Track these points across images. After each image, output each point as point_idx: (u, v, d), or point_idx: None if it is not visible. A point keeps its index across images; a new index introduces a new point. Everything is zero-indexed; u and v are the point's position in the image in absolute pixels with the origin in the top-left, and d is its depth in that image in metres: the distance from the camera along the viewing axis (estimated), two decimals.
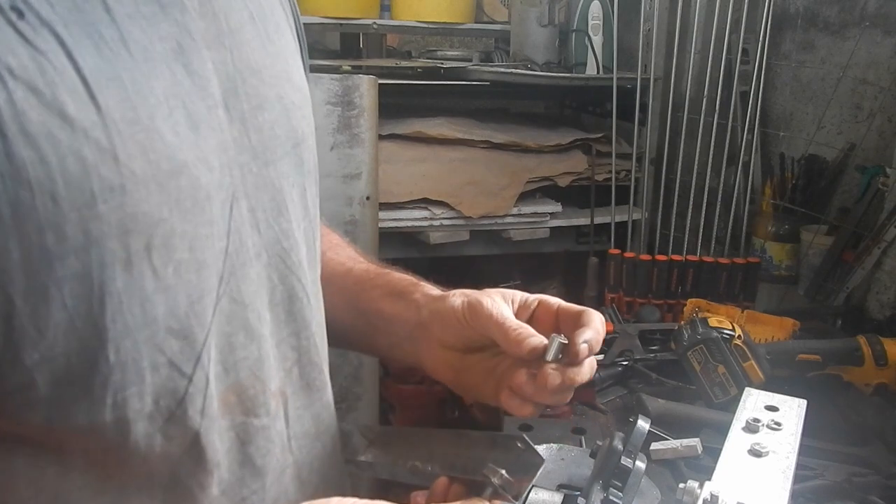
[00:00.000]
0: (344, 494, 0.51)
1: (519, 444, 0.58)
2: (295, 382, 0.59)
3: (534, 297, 0.68)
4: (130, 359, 0.43)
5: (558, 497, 0.81)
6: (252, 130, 0.52)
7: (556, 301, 0.67)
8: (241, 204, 0.51)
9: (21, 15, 0.38)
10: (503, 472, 0.56)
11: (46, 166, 0.38)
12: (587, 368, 0.62)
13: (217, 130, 0.49)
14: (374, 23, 2.19)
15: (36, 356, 0.40)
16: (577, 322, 0.64)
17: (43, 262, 0.39)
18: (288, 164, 0.56)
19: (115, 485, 0.47)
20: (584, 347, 0.60)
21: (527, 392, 0.61)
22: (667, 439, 1.07)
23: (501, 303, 0.65)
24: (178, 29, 0.46)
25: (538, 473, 0.57)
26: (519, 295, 0.68)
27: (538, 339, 0.61)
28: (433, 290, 0.70)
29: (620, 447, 0.67)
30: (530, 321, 0.66)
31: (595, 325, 0.62)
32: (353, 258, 0.77)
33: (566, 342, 0.61)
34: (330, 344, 0.66)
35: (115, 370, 0.43)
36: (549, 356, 0.60)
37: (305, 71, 0.65)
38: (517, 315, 0.65)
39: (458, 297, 0.66)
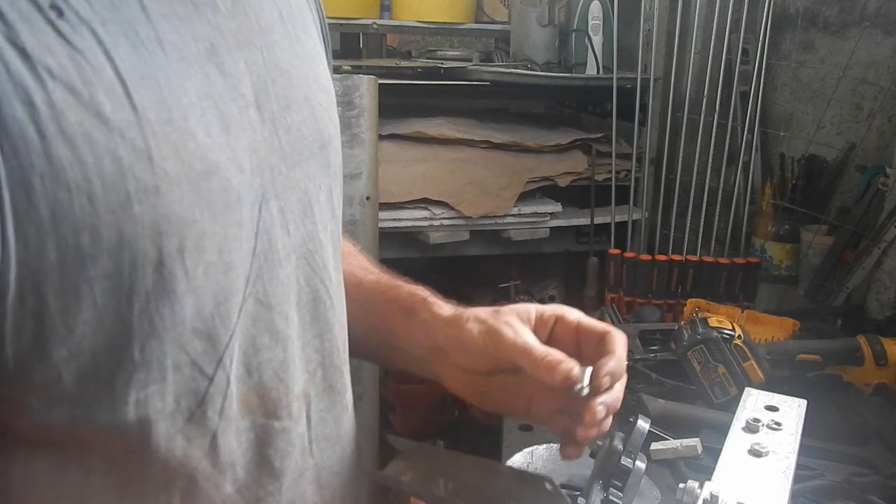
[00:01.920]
0: (360, 499, 0.51)
1: (547, 485, 0.58)
2: (318, 385, 0.59)
3: (550, 313, 0.65)
4: (155, 358, 0.43)
5: None
6: (281, 131, 0.52)
7: (575, 317, 0.65)
8: (270, 205, 0.51)
9: (60, 13, 0.38)
10: None
11: (83, 167, 0.38)
12: (612, 397, 0.61)
13: (249, 131, 0.49)
14: (374, 23, 2.19)
15: (64, 352, 0.40)
16: (599, 345, 0.62)
17: (77, 263, 0.39)
18: (315, 166, 0.56)
19: (135, 489, 0.47)
20: (606, 381, 0.59)
21: (580, 435, 0.60)
22: (667, 439, 1.07)
23: (522, 328, 0.63)
24: (212, 29, 0.46)
25: (518, 461, 0.57)
26: (534, 311, 0.65)
27: (569, 364, 0.59)
28: (443, 308, 0.68)
29: (620, 447, 0.67)
30: (549, 340, 0.64)
31: (619, 353, 0.61)
32: (365, 268, 0.76)
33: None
34: (349, 353, 0.65)
35: (139, 368, 0.43)
36: (582, 386, 0.58)
37: (330, 72, 0.65)
38: (536, 334, 0.64)
39: (475, 323, 0.64)
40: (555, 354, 0.60)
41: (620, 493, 0.67)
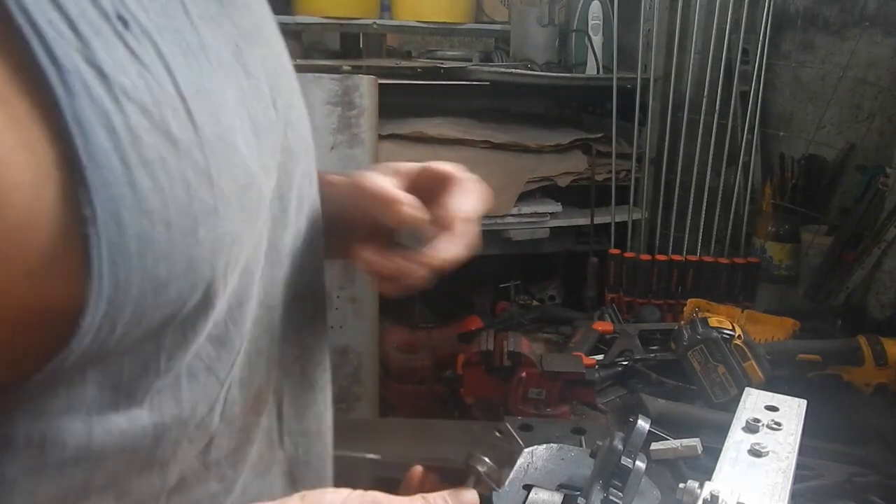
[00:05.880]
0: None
1: (497, 433, 0.58)
2: (294, 379, 0.59)
3: (417, 165, 0.63)
4: (175, 365, 0.42)
5: (558, 497, 0.81)
6: (289, 129, 0.51)
7: (437, 165, 0.63)
8: (275, 205, 0.50)
9: (126, 24, 0.35)
10: (487, 459, 0.55)
11: (161, 194, 0.36)
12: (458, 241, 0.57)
13: (271, 133, 0.47)
14: (374, 23, 2.19)
15: (99, 364, 0.39)
16: (445, 185, 0.60)
17: (152, 293, 0.37)
18: (306, 161, 0.55)
19: (129, 499, 0.45)
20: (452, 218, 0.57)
21: (400, 269, 0.57)
22: (667, 439, 1.07)
23: (380, 176, 0.60)
24: (234, 28, 0.44)
25: (519, 461, 0.57)
26: (404, 167, 0.63)
27: (413, 209, 0.56)
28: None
29: (620, 447, 0.68)
30: (415, 190, 0.61)
31: (467, 195, 0.60)
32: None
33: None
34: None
35: (161, 376, 0.42)
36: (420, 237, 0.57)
37: None
38: (405, 189, 0.61)
39: (343, 178, 0.62)
40: (403, 198, 0.56)
41: (620, 493, 0.67)
